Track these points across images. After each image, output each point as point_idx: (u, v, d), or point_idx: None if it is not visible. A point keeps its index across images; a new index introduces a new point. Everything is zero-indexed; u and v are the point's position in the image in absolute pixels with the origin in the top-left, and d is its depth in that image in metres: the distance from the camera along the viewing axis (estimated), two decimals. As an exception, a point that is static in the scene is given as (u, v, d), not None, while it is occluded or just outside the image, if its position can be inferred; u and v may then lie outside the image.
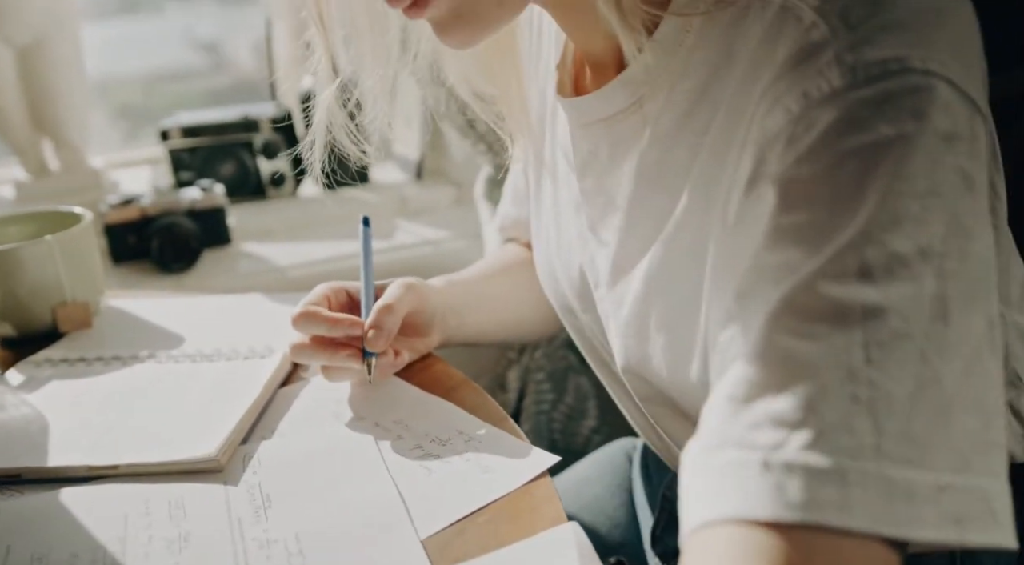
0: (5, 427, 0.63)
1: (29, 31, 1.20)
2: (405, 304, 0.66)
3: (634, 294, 0.54)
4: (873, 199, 0.37)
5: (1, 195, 1.31)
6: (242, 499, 0.54)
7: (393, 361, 0.67)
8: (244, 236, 1.26)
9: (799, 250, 0.38)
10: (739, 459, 0.36)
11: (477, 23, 0.50)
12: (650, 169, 0.52)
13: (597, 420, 1.22)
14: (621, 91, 0.52)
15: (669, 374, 0.53)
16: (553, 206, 0.65)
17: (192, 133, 1.31)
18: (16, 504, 0.55)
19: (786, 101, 0.41)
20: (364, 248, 0.69)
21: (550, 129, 0.64)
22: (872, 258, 0.37)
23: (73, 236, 0.78)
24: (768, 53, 0.43)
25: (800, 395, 0.36)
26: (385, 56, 0.59)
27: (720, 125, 0.46)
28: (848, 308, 0.36)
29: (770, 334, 0.38)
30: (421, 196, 1.36)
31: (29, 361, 0.74)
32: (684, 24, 0.47)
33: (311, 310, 0.64)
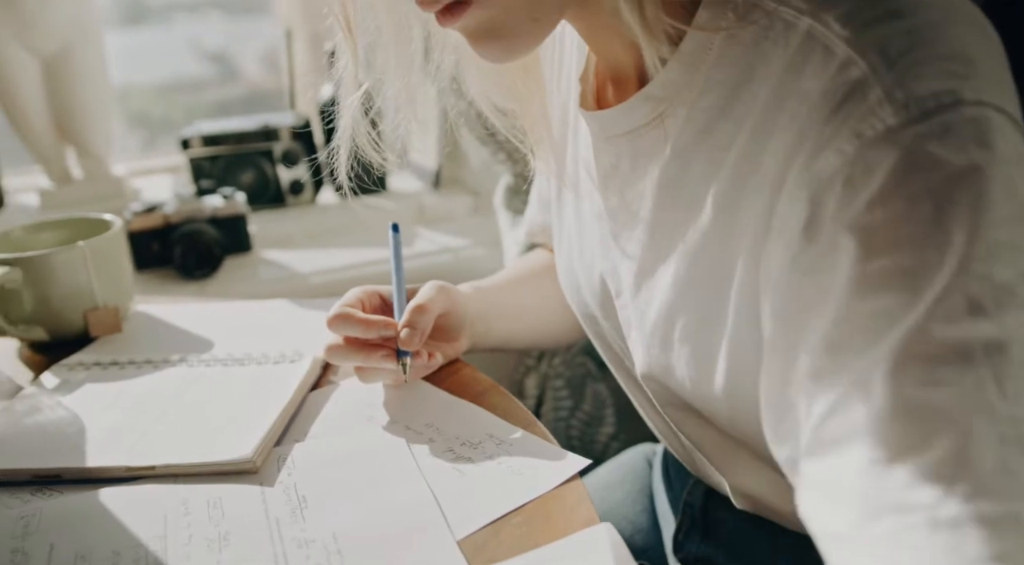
0: (43, 429, 0.64)
1: (54, 41, 1.22)
2: (438, 305, 0.67)
3: (658, 305, 0.55)
4: (960, 234, 0.37)
5: (25, 203, 1.33)
6: (279, 500, 0.55)
7: (427, 362, 0.68)
8: (264, 243, 1.28)
9: (895, 297, 0.37)
10: (902, 524, 0.34)
11: (512, 38, 0.50)
12: (671, 182, 0.52)
13: (615, 427, 1.23)
14: (643, 105, 0.53)
15: (692, 386, 0.54)
16: (575, 215, 0.66)
17: (212, 142, 1.32)
18: (57, 504, 0.56)
19: (837, 143, 0.40)
20: (395, 252, 0.70)
21: (572, 141, 0.65)
22: (978, 293, 0.36)
23: (105, 242, 0.80)
24: (794, 81, 0.43)
25: (946, 446, 0.34)
26: (408, 65, 0.60)
27: (745, 145, 0.47)
28: (969, 347, 0.35)
29: (895, 389, 0.36)
30: (439, 204, 1.37)
31: (62, 364, 0.75)
32: (706, 41, 0.48)
33: (346, 312, 0.65)
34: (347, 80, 0.59)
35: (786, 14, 0.45)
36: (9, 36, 1.20)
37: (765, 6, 0.46)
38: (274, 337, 0.78)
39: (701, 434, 0.61)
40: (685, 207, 0.51)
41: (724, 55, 0.48)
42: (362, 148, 0.61)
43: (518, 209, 1.16)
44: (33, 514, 0.55)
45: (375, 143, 0.61)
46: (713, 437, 0.60)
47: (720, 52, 0.48)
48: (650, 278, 0.56)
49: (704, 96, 0.49)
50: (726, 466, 0.62)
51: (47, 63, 1.23)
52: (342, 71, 0.58)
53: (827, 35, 0.42)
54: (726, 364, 0.51)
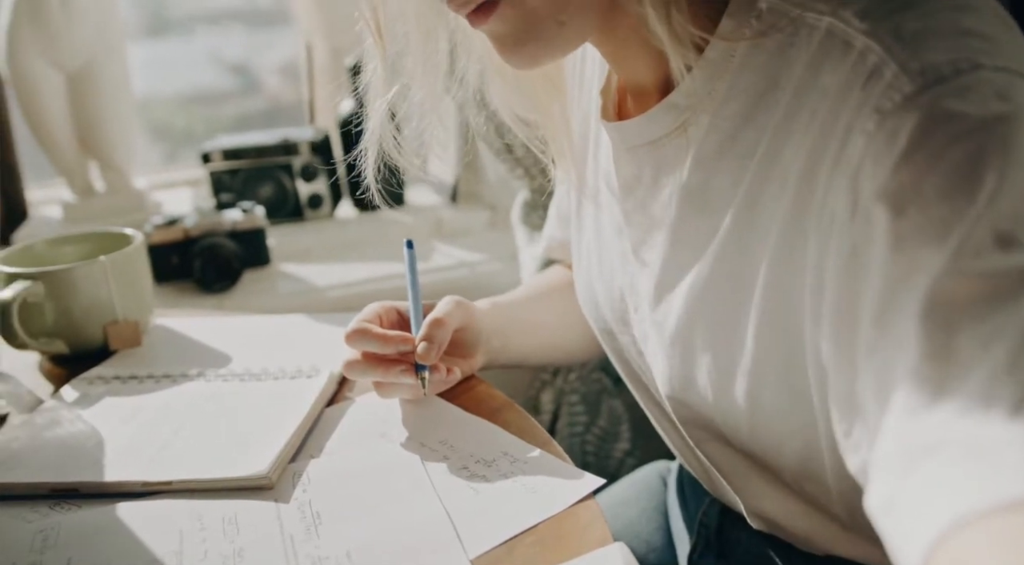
0: (62, 442, 0.65)
1: (79, 56, 1.24)
2: (455, 319, 0.68)
3: (677, 314, 0.55)
4: (991, 177, 0.36)
5: (49, 215, 1.35)
6: (293, 516, 0.55)
7: (445, 377, 0.69)
8: (283, 257, 1.29)
9: (927, 249, 0.36)
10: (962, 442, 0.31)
11: (538, 42, 0.50)
12: (694, 192, 0.53)
13: (630, 443, 1.23)
14: (666, 115, 0.53)
15: (714, 396, 0.54)
16: (595, 229, 0.66)
17: (233, 156, 1.33)
18: (74, 518, 0.57)
19: (860, 124, 0.41)
20: (410, 268, 0.70)
21: (592, 154, 0.66)
22: (1009, 227, 0.35)
23: (125, 257, 0.80)
24: (813, 78, 0.44)
25: (985, 371, 0.32)
26: (435, 72, 0.60)
27: (766, 149, 0.47)
28: (1001, 278, 0.34)
29: (927, 335, 0.34)
30: (456, 219, 1.38)
31: (82, 378, 0.76)
32: (729, 49, 0.48)
33: (363, 327, 0.66)
34: (375, 85, 0.59)
35: (810, 18, 0.45)
36: (35, 51, 1.22)
37: (789, 13, 0.46)
38: (291, 352, 0.78)
39: (720, 453, 0.61)
40: (708, 216, 0.52)
41: (747, 63, 0.48)
42: (388, 152, 0.61)
43: (535, 224, 1.16)
44: (52, 528, 0.55)
45: (400, 148, 0.62)
46: (732, 457, 0.59)
47: (743, 60, 0.48)
48: (670, 289, 0.56)
49: (727, 104, 0.49)
50: (743, 486, 0.62)
51: (71, 77, 1.25)
52: (370, 76, 0.59)
53: (846, 31, 0.43)
54: (748, 370, 0.51)
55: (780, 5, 0.46)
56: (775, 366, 0.49)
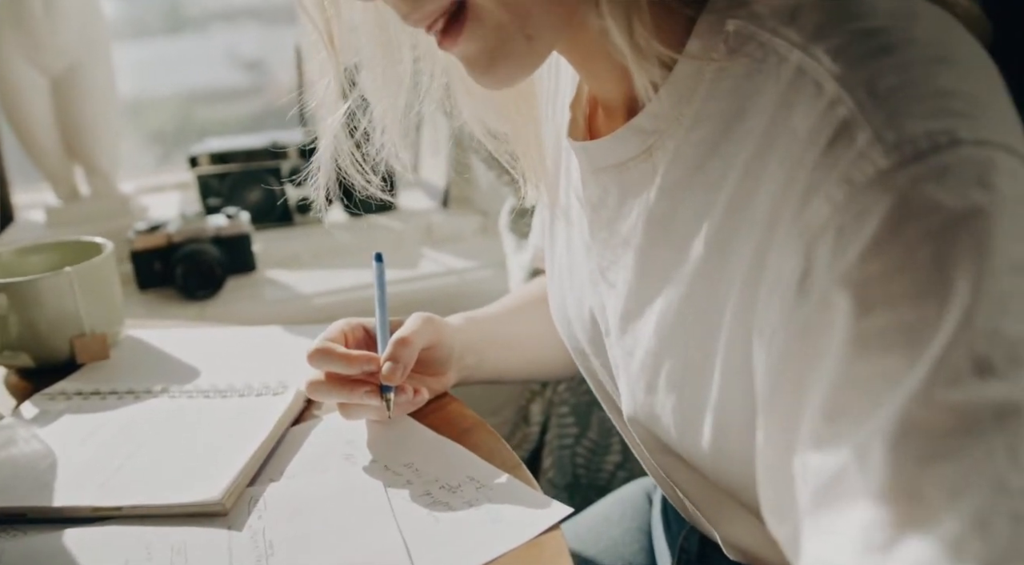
0: (15, 463, 0.62)
1: (63, 59, 1.22)
2: (422, 337, 0.65)
3: (644, 347, 0.52)
4: (963, 285, 0.33)
5: (32, 219, 1.33)
6: (245, 546, 0.53)
7: (411, 399, 0.66)
8: (269, 263, 1.26)
9: (895, 358, 0.34)
10: None
11: (510, 60, 0.47)
12: (659, 220, 0.50)
13: (621, 456, 1.20)
14: (631, 139, 0.50)
15: (678, 436, 0.51)
16: (567, 246, 0.64)
17: (220, 160, 1.31)
18: (19, 545, 0.54)
19: (826, 189, 0.37)
20: (378, 283, 0.68)
21: (565, 169, 0.63)
22: (986, 349, 0.32)
23: (92, 268, 0.78)
24: (785, 119, 0.40)
25: (952, 527, 0.30)
26: (396, 86, 0.58)
27: (737, 186, 0.44)
28: (977, 412, 0.31)
29: (895, 464, 0.32)
30: (447, 224, 1.35)
31: (44, 394, 0.74)
32: (697, 72, 0.45)
33: (326, 346, 0.63)
34: (328, 100, 0.56)
35: (780, 46, 0.42)
36: (18, 55, 1.20)
37: (759, 37, 0.43)
38: (261, 366, 0.76)
39: (690, 482, 0.58)
40: (675, 247, 0.49)
41: (715, 88, 0.45)
42: (345, 169, 0.59)
43: (523, 232, 1.13)
44: (-6, 556, 0.53)
45: (359, 164, 0.59)
46: (702, 486, 0.56)
47: (711, 85, 0.45)
48: (636, 320, 0.53)
49: (694, 130, 0.46)
50: (715, 516, 0.59)
51: (55, 81, 1.23)
52: (323, 91, 0.56)
53: (817, 69, 0.39)
54: (713, 417, 0.48)
55: (748, 28, 0.43)
56: (740, 415, 0.46)
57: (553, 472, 1.19)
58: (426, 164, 1.46)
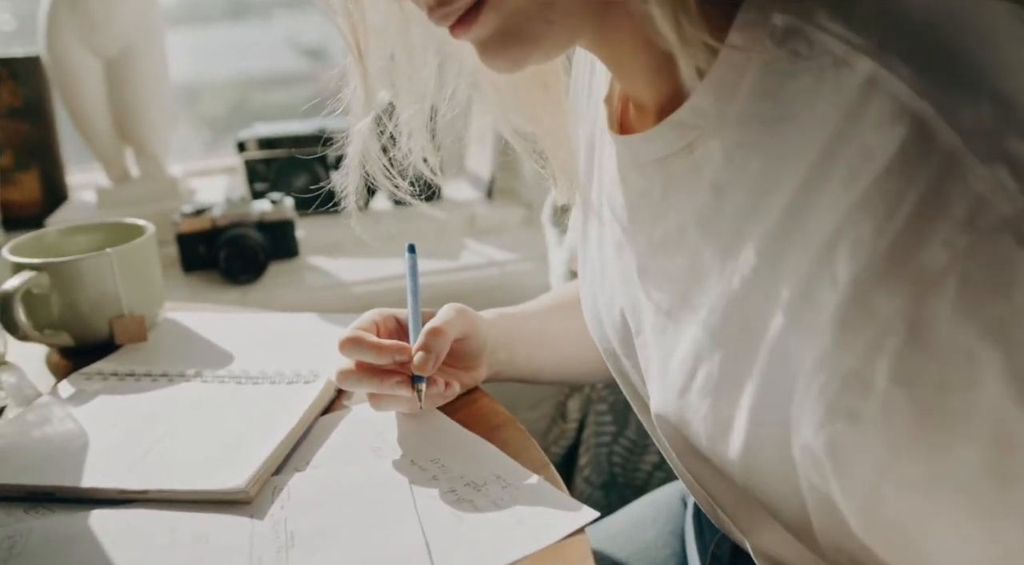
0: (47, 443, 0.63)
1: (118, 42, 1.23)
2: (454, 328, 0.64)
3: (683, 350, 0.50)
4: None
5: (85, 199, 1.35)
6: (266, 536, 0.53)
7: (443, 392, 0.65)
8: (312, 249, 1.27)
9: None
10: None
11: (524, 43, 0.46)
12: (706, 220, 0.47)
13: (659, 456, 1.18)
14: (671, 133, 0.48)
15: (709, 442, 0.49)
16: (598, 246, 0.62)
17: (268, 145, 1.32)
18: (46, 524, 0.55)
19: (942, 234, 0.35)
20: (411, 274, 0.67)
21: (597, 167, 0.61)
22: None
23: (133, 249, 0.79)
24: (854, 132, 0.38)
25: None
26: (422, 89, 0.57)
27: (791, 197, 0.41)
28: None
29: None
30: (491, 215, 1.34)
31: (81, 373, 0.74)
32: (739, 69, 0.43)
33: (357, 335, 0.62)
34: (356, 106, 0.56)
35: (835, 47, 0.39)
36: (75, 38, 1.22)
37: (807, 33, 0.41)
38: (294, 354, 0.76)
39: (719, 488, 0.56)
40: (722, 247, 0.46)
41: (759, 86, 0.43)
42: (373, 176, 0.58)
43: (565, 226, 1.11)
44: (22, 534, 0.54)
45: (387, 170, 0.58)
46: (732, 493, 0.54)
47: (755, 83, 0.43)
48: (677, 321, 0.51)
49: (739, 130, 0.44)
50: (746, 525, 0.57)
51: (109, 64, 1.25)
52: (350, 96, 0.56)
53: (897, 86, 0.37)
54: (745, 427, 0.46)
55: (795, 23, 0.41)
56: (774, 429, 0.44)
57: (589, 470, 1.17)
58: (472, 155, 1.45)
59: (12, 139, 1.29)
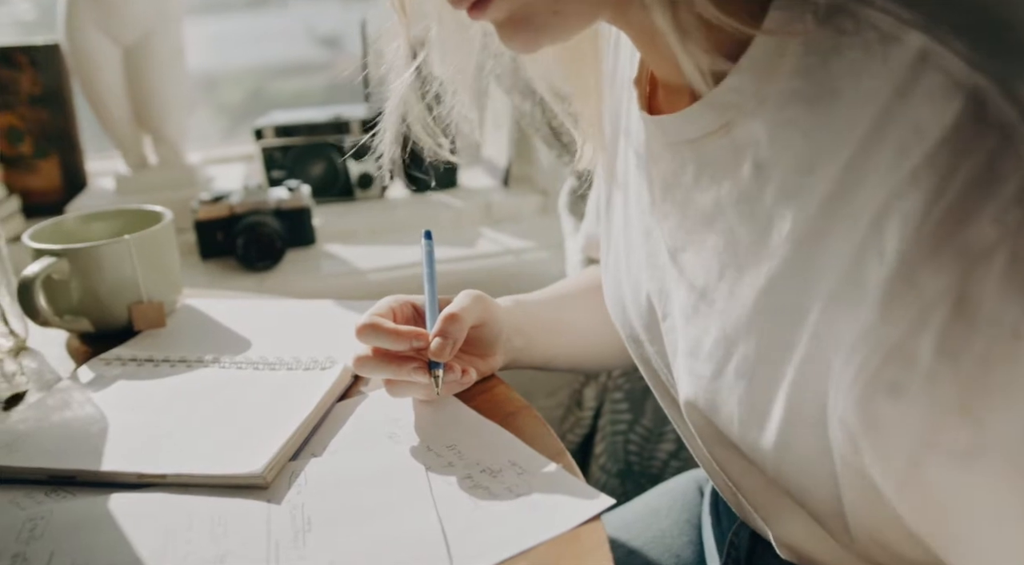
0: (67, 427, 0.64)
1: (136, 29, 1.24)
2: (471, 314, 0.64)
3: (718, 332, 0.50)
4: None
5: (104, 186, 1.36)
6: (283, 520, 0.53)
7: (459, 379, 0.65)
8: (329, 237, 1.27)
9: None
10: None
11: (531, 30, 0.47)
12: (743, 200, 0.47)
13: (675, 445, 1.17)
14: (708, 113, 0.48)
15: (741, 427, 0.49)
16: (623, 231, 0.62)
17: (285, 132, 1.32)
18: (66, 507, 0.55)
19: (992, 211, 0.35)
20: (427, 261, 0.67)
21: (623, 147, 0.61)
22: None
23: (151, 236, 0.79)
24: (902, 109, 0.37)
25: None
26: (467, 47, 0.58)
27: (835, 178, 0.41)
28: None
29: None
30: (507, 203, 1.34)
31: (100, 359, 0.75)
32: (780, 45, 0.43)
33: (374, 321, 0.63)
34: (398, 63, 0.57)
35: (882, 22, 0.39)
36: (94, 25, 1.23)
37: (854, 11, 0.40)
38: (311, 340, 0.76)
39: (745, 477, 0.56)
40: (761, 229, 0.46)
41: (801, 64, 0.42)
42: (415, 133, 0.59)
43: (582, 213, 1.11)
44: (42, 517, 0.54)
45: (429, 128, 0.59)
46: (759, 482, 0.54)
47: (797, 61, 0.43)
48: (711, 302, 0.51)
49: (782, 109, 0.44)
50: (770, 514, 0.56)
51: (127, 51, 1.25)
52: (393, 54, 0.57)
53: (950, 60, 0.36)
54: (781, 411, 0.46)
55: (843, 1, 0.40)
56: (811, 413, 0.44)
57: (605, 458, 1.17)
58: (488, 142, 1.45)
59: (32, 126, 1.30)
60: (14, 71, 1.28)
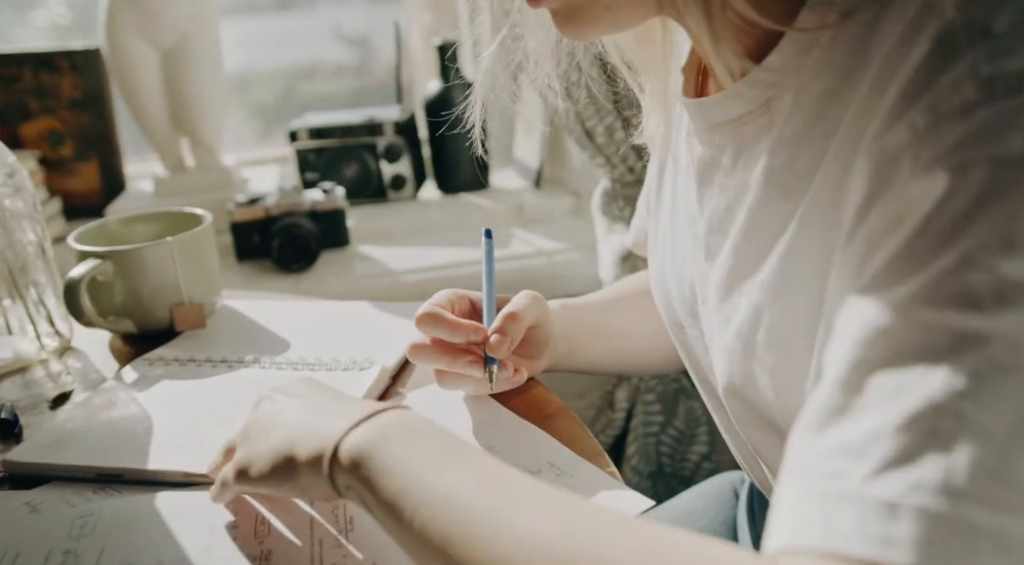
0: (114, 426, 0.65)
1: (174, 33, 1.26)
2: (530, 314, 0.65)
3: (745, 307, 0.50)
4: (990, 218, 0.33)
5: (142, 189, 1.38)
6: (326, 519, 0.54)
7: (512, 376, 0.66)
8: (362, 238, 1.28)
9: (899, 272, 0.35)
10: (801, 489, 0.33)
11: (582, 22, 0.50)
12: (776, 174, 0.48)
13: (707, 447, 1.17)
14: (748, 93, 0.49)
15: (776, 396, 0.49)
16: (670, 217, 0.62)
17: (319, 135, 1.34)
18: (115, 504, 0.57)
19: (911, 115, 0.37)
20: (487, 259, 0.68)
21: (675, 134, 0.62)
22: (978, 283, 0.32)
23: (192, 238, 0.81)
24: (904, 52, 0.39)
25: (872, 424, 0.32)
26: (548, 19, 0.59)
27: (847, 128, 0.42)
28: (942, 335, 0.32)
29: (854, 362, 0.34)
30: (538, 204, 1.34)
31: (144, 359, 0.76)
32: (820, 20, 0.44)
33: (435, 311, 0.63)
34: (484, 35, 0.59)
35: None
36: (132, 28, 1.25)
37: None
38: (349, 341, 0.77)
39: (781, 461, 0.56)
40: (786, 199, 0.47)
41: (839, 35, 0.44)
42: (502, 102, 0.61)
43: (615, 215, 1.11)
44: (92, 514, 0.56)
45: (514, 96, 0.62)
46: None
47: (835, 32, 0.44)
48: (743, 280, 0.51)
49: (815, 80, 0.45)
50: None
51: (165, 55, 1.27)
52: (480, 26, 0.59)
53: (943, 3, 0.38)
54: (814, 378, 0.46)
55: None
56: None
57: (637, 459, 1.17)
58: (520, 144, 1.46)
59: (73, 130, 1.33)
60: (55, 75, 1.30)
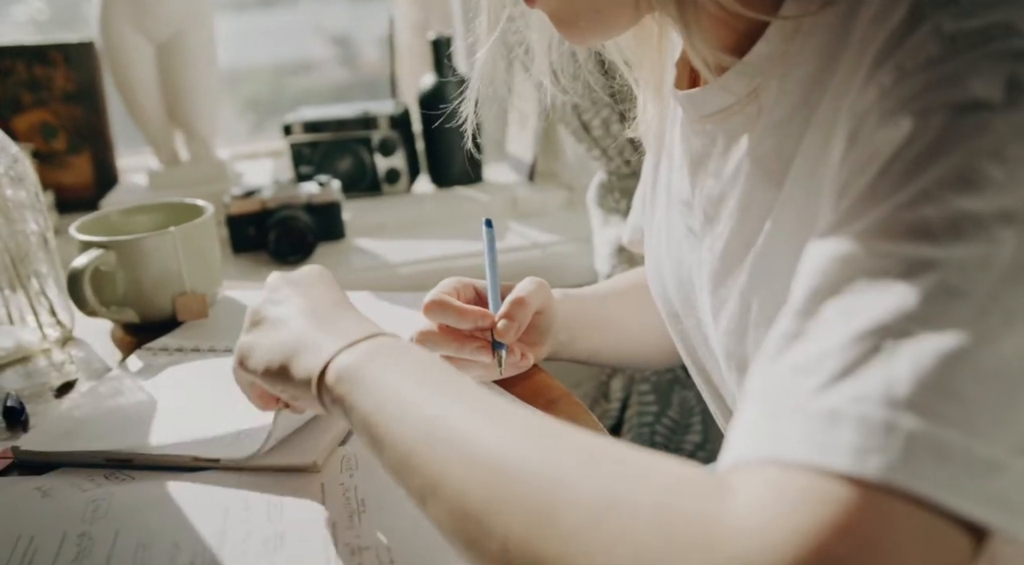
0: (121, 413, 0.66)
1: (169, 26, 1.26)
2: (536, 300, 0.66)
3: (737, 291, 0.52)
4: (948, 157, 0.34)
5: (135, 182, 1.38)
6: (337, 502, 0.55)
7: (519, 361, 0.67)
8: (357, 231, 1.29)
9: (860, 209, 0.36)
10: (755, 411, 0.34)
11: (575, 27, 0.51)
12: (763, 160, 0.50)
13: (702, 435, 1.19)
14: (737, 81, 0.50)
15: None
16: (666, 207, 0.64)
17: (313, 128, 1.34)
18: (126, 489, 0.57)
19: (879, 77, 0.38)
20: (489, 247, 0.69)
21: (669, 128, 0.63)
22: (933, 216, 0.33)
23: (194, 228, 0.81)
24: (875, 32, 0.40)
25: (823, 345, 0.33)
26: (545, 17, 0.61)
27: (825, 107, 0.44)
28: (896, 261, 0.33)
29: (811, 291, 0.35)
30: (532, 198, 1.35)
31: (147, 348, 0.77)
32: (803, 8, 0.46)
33: (443, 298, 0.64)
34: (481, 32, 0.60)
35: None
36: (127, 21, 1.25)
37: None
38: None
39: None
40: (776, 184, 0.48)
41: (820, 21, 0.45)
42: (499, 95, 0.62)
43: (611, 208, 1.12)
44: (104, 498, 0.56)
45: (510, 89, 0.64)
46: None
47: (815, 19, 0.45)
48: (732, 265, 0.53)
49: (799, 66, 0.46)
50: None
51: (160, 48, 1.27)
52: (480, 26, 0.60)
53: None
54: None
55: None
56: None
57: (631, 449, 1.18)
58: (513, 138, 1.46)
59: (66, 123, 1.32)
60: (48, 68, 1.30)
